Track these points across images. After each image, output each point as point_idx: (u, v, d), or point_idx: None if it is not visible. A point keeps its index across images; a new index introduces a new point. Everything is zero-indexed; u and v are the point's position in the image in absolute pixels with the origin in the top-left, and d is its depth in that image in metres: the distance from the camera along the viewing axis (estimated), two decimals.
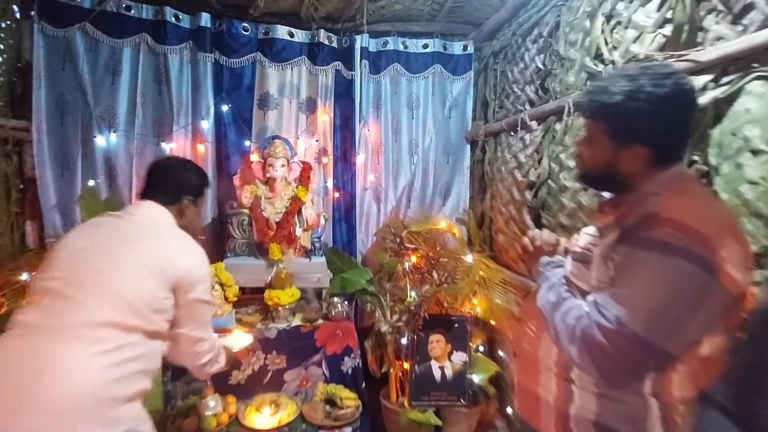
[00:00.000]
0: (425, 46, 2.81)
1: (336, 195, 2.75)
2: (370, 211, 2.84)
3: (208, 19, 2.49)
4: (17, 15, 2.21)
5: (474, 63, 2.86)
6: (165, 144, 2.47)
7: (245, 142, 2.63)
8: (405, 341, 2.22)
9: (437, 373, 2.20)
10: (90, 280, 1.11)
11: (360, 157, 2.77)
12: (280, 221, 2.33)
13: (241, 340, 1.77)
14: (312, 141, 2.72)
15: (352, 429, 1.99)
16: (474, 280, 2.33)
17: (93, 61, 2.36)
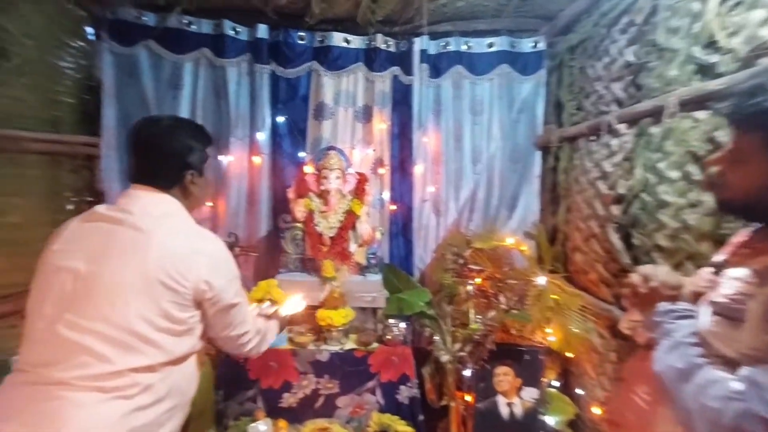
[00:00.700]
0: (490, 45, 2.58)
1: (393, 207, 2.60)
2: (428, 225, 2.66)
3: (265, 31, 2.46)
4: (89, 36, 2.31)
5: (546, 61, 2.58)
6: (222, 156, 2.46)
7: (300, 153, 2.57)
8: (467, 372, 2.01)
9: (504, 411, 1.97)
10: (95, 315, 0.93)
11: (418, 167, 2.60)
12: (334, 236, 2.24)
13: (295, 305, 1.72)
14: (368, 151, 2.60)
15: None
16: (547, 305, 2.06)
17: (156, 77, 2.41)
